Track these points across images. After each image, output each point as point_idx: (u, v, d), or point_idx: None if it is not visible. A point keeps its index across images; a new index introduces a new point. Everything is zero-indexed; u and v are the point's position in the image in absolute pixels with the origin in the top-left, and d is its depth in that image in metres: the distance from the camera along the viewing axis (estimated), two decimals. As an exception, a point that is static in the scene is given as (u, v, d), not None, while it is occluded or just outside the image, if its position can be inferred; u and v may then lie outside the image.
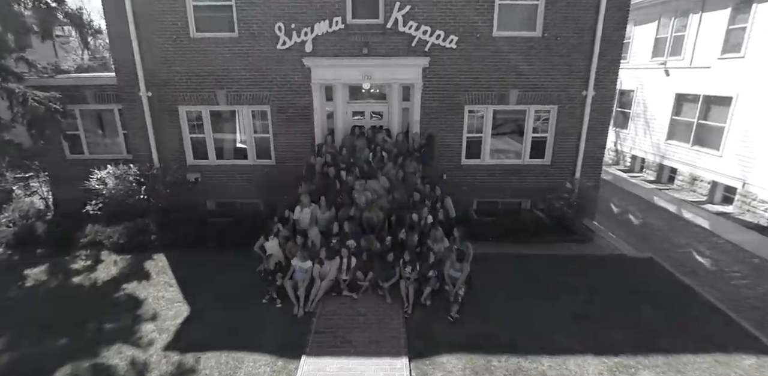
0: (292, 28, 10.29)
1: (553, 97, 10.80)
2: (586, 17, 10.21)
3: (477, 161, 11.44)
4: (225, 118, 11.41)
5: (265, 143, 11.37)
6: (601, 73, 10.57)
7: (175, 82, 10.76)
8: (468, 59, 10.50)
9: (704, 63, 14.31)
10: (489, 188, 11.50)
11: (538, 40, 10.40)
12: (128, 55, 10.47)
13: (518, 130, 11.30)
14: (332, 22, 10.21)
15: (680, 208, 13.52)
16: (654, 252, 10.22)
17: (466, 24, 10.25)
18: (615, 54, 10.49)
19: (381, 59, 10.43)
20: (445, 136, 11.07)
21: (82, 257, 9.16)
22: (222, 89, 10.78)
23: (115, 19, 10.27)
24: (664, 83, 16.31)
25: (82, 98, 11.84)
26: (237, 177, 11.54)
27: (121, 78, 10.75)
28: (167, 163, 11.24)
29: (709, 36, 14.16)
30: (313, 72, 10.57)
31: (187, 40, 10.46)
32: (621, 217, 12.98)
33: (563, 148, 11.25)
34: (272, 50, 10.46)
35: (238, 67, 10.62)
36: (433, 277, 7.55)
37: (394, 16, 10.17)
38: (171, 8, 10.23)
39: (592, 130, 11.00)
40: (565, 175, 11.41)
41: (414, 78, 10.58)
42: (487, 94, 10.76)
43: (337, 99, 10.93)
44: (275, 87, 10.75)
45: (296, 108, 10.92)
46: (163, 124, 11.10)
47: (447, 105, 10.85)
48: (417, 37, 10.31)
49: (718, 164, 13.74)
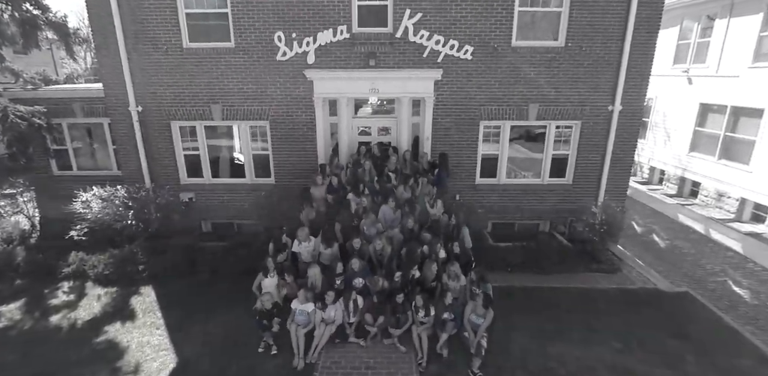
0: (292, 38, 9.46)
1: (577, 112, 9.94)
2: (614, 26, 9.34)
3: (493, 180, 10.59)
4: (221, 133, 10.61)
5: (264, 161, 10.56)
6: (630, 86, 9.70)
7: (167, 96, 9.95)
8: (484, 71, 9.65)
9: (732, 72, 13.40)
10: (505, 209, 10.66)
11: (561, 51, 9.54)
12: (116, 67, 9.68)
13: (536, 140, 10.46)
14: (336, 31, 9.38)
15: (708, 227, 12.64)
16: (688, 282, 9.40)
17: (482, 33, 9.40)
18: (645, 66, 9.62)
19: (390, 71, 9.60)
20: (459, 153, 10.22)
21: (64, 290, 8.36)
22: (217, 104, 9.96)
23: (102, 28, 9.49)
24: (687, 92, 15.40)
25: (69, 112, 11.10)
26: (234, 197, 10.73)
27: (109, 92, 9.95)
28: (159, 183, 10.46)
29: (737, 43, 13.25)
30: (315, 85, 9.74)
31: (180, 50, 9.64)
32: (646, 238, 12.11)
33: (586, 166, 10.39)
34: (271, 61, 9.63)
35: (234, 80, 9.80)
36: (449, 320, 6.73)
37: (404, 25, 9.33)
38: (162, 17, 9.42)
39: (618, 148, 10.14)
40: (588, 196, 10.56)
41: (425, 91, 9.74)
42: (504, 108, 9.91)
43: (342, 114, 10.09)
44: (274, 101, 9.93)
45: (297, 124, 10.10)
46: (154, 141, 10.30)
47: (461, 120, 10.01)
48: (429, 48, 9.47)
49: (748, 180, 12.83)
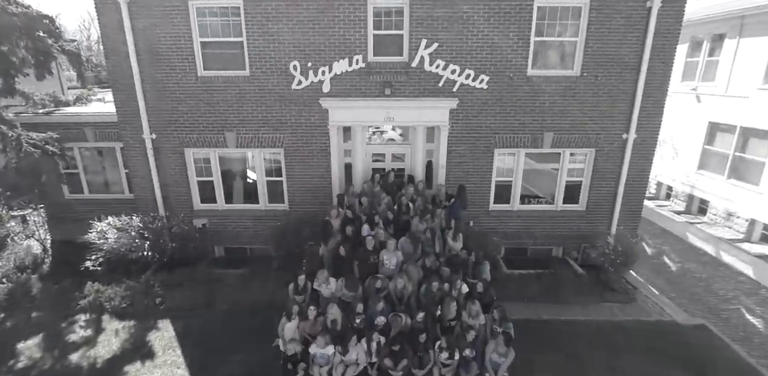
0: (308, 67, 9.45)
1: (591, 140, 9.95)
2: (630, 56, 9.35)
3: (506, 206, 10.60)
4: (235, 159, 10.59)
5: (278, 187, 10.54)
6: (645, 115, 9.72)
7: (181, 124, 9.93)
8: (500, 100, 9.65)
9: (742, 92, 13.42)
10: (519, 234, 10.68)
11: (576, 80, 9.55)
12: (130, 95, 9.65)
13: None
14: (352, 60, 9.37)
15: (718, 248, 12.67)
16: (702, 311, 9.45)
17: (498, 62, 9.40)
18: (660, 95, 9.63)
19: (405, 100, 9.59)
20: (473, 180, 10.23)
21: (81, 324, 8.34)
22: (232, 131, 9.95)
23: (117, 57, 9.47)
24: (695, 110, 15.43)
25: (81, 136, 11.09)
26: (247, 222, 10.72)
27: (124, 119, 9.92)
28: (172, 210, 10.44)
29: (747, 63, 13.26)
30: (330, 113, 9.73)
31: (194, 78, 9.62)
32: (657, 260, 12.14)
33: (600, 193, 10.40)
34: (287, 90, 9.62)
35: (249, 108, 9.78)
36: (472, 360, 6.74)
37: (419, 55, 9.32)
38: (176, 45, 9.39)
39: (632, 176, 10.16)
40: (602, 222, 10.59)
41: (440, 120, 9.74)
42: (519, 137, 9.92)
43: (356, 141, 10.08)
44: (289, 129, 9.91)
45: (312, 151, 10.09)
46: (168, 167, 10.28)
47: (475, 148, 10.01)
48: (444, 77, 9.46)
49: (758, 201, 12.87)
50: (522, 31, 9.19)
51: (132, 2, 9.07)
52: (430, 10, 9.05)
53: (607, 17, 9.12)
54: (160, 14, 9.18)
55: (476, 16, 9.08)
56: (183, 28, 9.28)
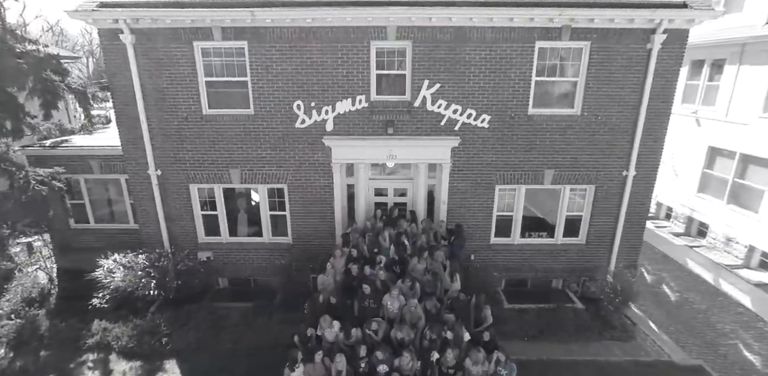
0: (311, 107, 9.57)
1: (591, 176, 10.07)
2: (631, 95, 9.46)
3: (507, 240, 10.73)
4: (239, 193, 10.72)
5: (282, 221, 10.68)
6: (644, 152, 9.83)
7: (186, 161, 10.06)
8: (501, 138, 9.77)
9: (742, 119, 13.51)
10: (519, 267, 10.81)
11: (577, 119, 9.66)
12: (136, 132, 9.79)
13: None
14: (355, 100, 9.49)
15: (717, 276, 12.79)
16: (700, 347, 9.56)
17: (499, 102, 9.51)
18: (660, 133, 9.74)
19: (407, 139, 9.71)
20: (474, 215, 10.36)
21: (89, 365, 8.48)
22: (236, 168, 10.08)
23: (123, 95, 9.58)
24: (695, 133, 15.53)
25: (87, 168, 11.22)
26: (251, 255, 10.86)
27: (129, 156, 10.05)
28: (177, 243, 10.59)
29: (748, 90, 13.35)
30: (333, 151, 9.86)
31: (199, 117, 9.75)
32: (657, 289, 12.24)
33: (600, 227, 10.53)
34: (290, 128, 9.74)
35: (253, 146, 9.91)
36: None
37: (422, 95, 9.44)
38: (182, 85, 9.51)
39: (631, 210, 10.28)
40: (602, 255, 10.72)
41: (442, 158, 9.86)
42: (520, 173, 10.04)
43: (359, 177, 10.21)
44: (293, 166, 10.04)
45: (315, 187, 10.22)
46: (173, 202, 10.42)
47: (477, 184, 10.14)
48: (446, 116, 9.58)
49: (758, 228, 12.99)
50: (523, 72, 9.30)
51: (138, 43, 9.19)
52: (432, 51, 9.16)
53: (608, 58, 9.22)
54: (166, 55, 9.30)
55: (478, 58, 9.19)
56: (188, 68, 9.40)
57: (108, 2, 8.84)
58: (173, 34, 9.12)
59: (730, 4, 14.28)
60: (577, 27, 8.93)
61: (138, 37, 9.13)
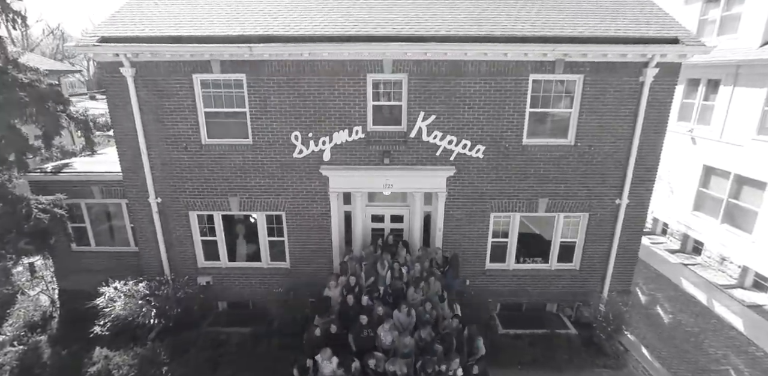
0: (309, 137, 9.72)
1: (585, 205, 10.21)
2: (623, 127, 9.60)
3: (502, 265, 10.88)
4: (238, 219, 10.87)
5: (280, 246, 10.83)
6: (637, 181, 9.97)
7: (186, 189, 10.22)
8: (495, 168, 9.91)
9: (736, 140, 13.63)
10: (514, 292, 10.97)
11: (570, 149, 9.80)
12: (137, 162, 9.95)
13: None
14: (352, 131, 9.64)
15: (710, 297, 12.93)
16: (692, 373, 9.71)
17: (494, 133, 9.66)
18: (652, 162, 9.88)
19: (403, 169, 9.86)
20: (469, 242, 10.52)
21: (90, 396, 8.67)
22: (235, 196, 10.23)
23: (123, 125, 9.73)
24: (691, 151, 15.65)
25: (88, 193, 11.38)
26: (250, 279, 11.03)
27: (130, 183, 10.22)
28: (177, 268, 10.76)
29: (742, 112, 13.46)
30: (331, 181, 10.01)
31: (199, 146, 9.90)
32: (650, 310, 12.38)
33: (593, 253, 10.67)
34: (288, 158, 9.90)
35: (251, 174, 10.07)
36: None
37: (417, 126, 9.58)
38: (181, 116, 9.67)
39: (624, 237, 10.42)
40: (595, 280, 10.87)
41: (438, 187, 10.01)
42: (514, 202, 10.18)
43: (356, 204, 10.37)
44: (291, 194, 10.20)
45: (312, 214, 10.37)
46: (172, 228, 10.58)
47: (472, 212, 10.29)
48: (442, 147, 9.73)
49: (751, 249, 13.12)
50: (517, 103, 9.44)
51: (138, 76, 9.34)
52: (427, 84, 9.30)
53: (601, 90, 9.36)
54: (166, 87, 9.45)
55: (473, 90, 9.34)
56: (188, 99, 9.55)
57: (109, 37, 8.99)
58: (173, 67, 9.27)
59: (725, 26, 14.40)
60: (571, 61, 9.06)
61: (138, 69, 9.28)
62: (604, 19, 9.47)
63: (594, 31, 9.07)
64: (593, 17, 9.57)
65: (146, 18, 9.66)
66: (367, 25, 9.24)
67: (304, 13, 9.79)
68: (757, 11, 13.05)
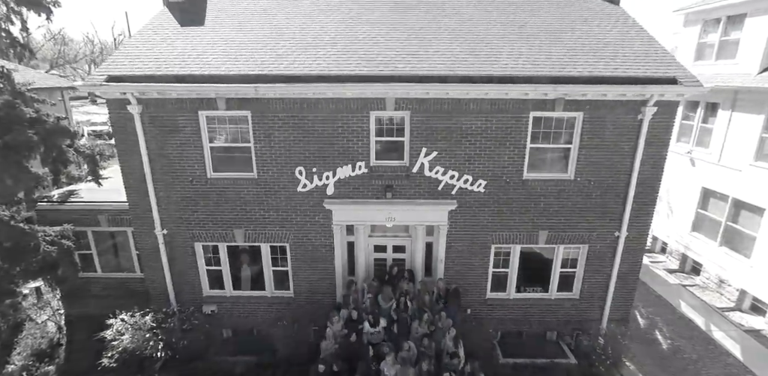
0: (313, 172, 9.87)
1: (584, 237, 10.36)
2: (622, 162, 9.74)
3: (503, 295, 11.04)
4: (242, 249, 11.02)
5: (284, 276, 11.00)
6: (636, 214, 10.11)
7: (192, 221, 10.37)
8: (496, 201, 10.06)
9: (734, 164, 13.77)
10: (515, 321, 11.13)
11: (570, 183, 9.95)
12: (143, 194, 10.09)
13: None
14: (355, 166, 9.79)
15: (709, 321, 13.09)
16: (689, 405, 9.89)
17: (495, 168, 9.80)
18: (651, 197, 10.02)
19: (405, 203, 10.01)
20: (470, 272, 10.68)
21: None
22: (240, 228, 10.39)
23: (130, 160, 9.87)
24: (690, 172, 15.80)
25: (94, 222, 11.56)
26: (255, 308, 11.19)
27: (136, 215, 10.36)
28: (183, 297, 10.92)
29: (740, 137, 13.60)
30: (334, 214, 10.16)
31: (204, 180, 10.05)
32: (649, 335, 12.54)
33: (593, 283, 10.83)
34: (292, 192, 10.05)
35: (256, 207, 10.22)
36: None
37: (419, 162, 9.73)
38: (187, 150, 9.81)
39: (623, 268, 10.57)
40: (594, 309, 11.03)
41: (439, 220, 10.16)
42: (515, 234, 10.33)
43: (359, 236, 10.55)
44: (295, 227, 10.35)
45: (316, 246, 10.53)
46: (178, 258, 10.73)
47: (473, 244, 10.44)
48: (444, 182, 9.88)
49: (749, 274, 13.27)
50: (518, 140, 9.59)
51: (144, 112, 9.49)
52: (429, 121, 9.45)
53: (600, 127, 9.50)
54: (172, 123, 9.59)
55: (474, 127, 9.49)
56: (193, 135, 9.69)
57: (116, 76, 9.14)
58: (179, 104, 9.42)
59: (724, 50, 14.54)
60: (570, 99, 9.21)
61: (145, 106, 9.43)
62: (604, 57, 9.61)
63: (593, 70, 9.21)
64: (593, 54, 9.70)
65: (152, 54, 9.80)
66: (370, 63, 9.38)
67: (308, 49, 9.93)
68: (755, 38, 13.19)
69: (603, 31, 10.65)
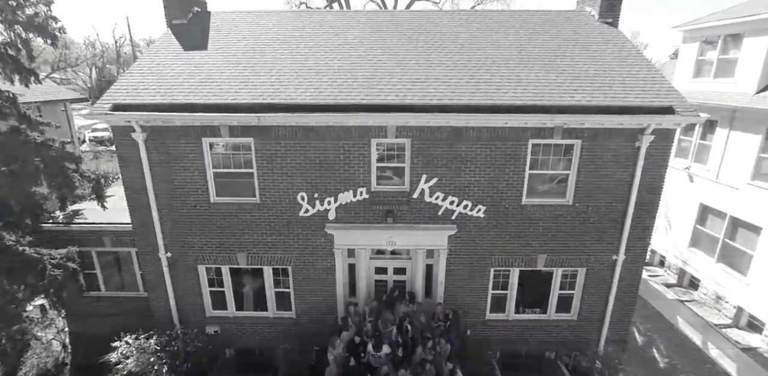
0: (315, 198, 10.01)
1: (582, 260, 10.50)
2: (620, 188, 9.86)
3: (502, 315, 11.18)
4: (245, 271, 11.17)
5: (286, 297, 11.14)
6: (633, 239, 10.23)
7: (195, 244, 10.52)
8: (495, 226, 10.20)
9: (732, 182, 13.90)
10: (514, 341, 11.27)
11: (568, 208, 10.08)
12: (148, 218, 10.23)
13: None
14: (356, 192, 9.93)
15: (706, 338, 13.24)
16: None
17: (494, 194, 9.93)
18: (648, 222, 10.15)
19: (406, 228, 10.15)
20: (470, 294, 10.82)
21: None
22: (243, 252, 10.53)
23: (134, 184, 10.01)
24: (688, 188, 15.92)
25: (99, 242, 11.71)
26: (257, 328, 11.34)
27: (141, 239, 10.50)
28: (186, 318, 11.08)
29: (738, 155, 13.73)
30: (336, 238, 10.30)
31: (207, 205, 10.19)
32: (647, 353, 12.70)
33: (591, 305, 10.96)
34: (294, 216, 10.19)
35: (259, 231, 10.36)
36: None
37: (420, 188, 9.87)
38: (191, 176, 9.95)
39: (620, 290, 10.70)
40: (592, 329, 11.16)
41: (439, 244, 10.30)
42: (514, 258, 10.47)
43: (360, 259, 10.70)
44: (297, 250, 10.50)
45: (318, 268, 10.67)
46: (182, 280, 10.88)
47: (472, 267, 10.58)
48: (444, 207, 10.02)
49: (746, 291, 13.42)
50: (517, 166, 9.71)
51: (149, 139, 9.62)
52: (429, 148, 9.58)
53: (598, 154, 9.62)
54: (176, 149, 9.72)
55: (473, 154, 9.62)
56: (197, 161, 9.83)
57: (121, 105, 9.28)
58: (183, 131, 9.55)
59: (722, 68, 14.66)
60: (569, 127, 9.33)
61: (149, 133, 9.56)
62: (602, 85, 9.72)
63: (592, 98, 9.33)
64: (590, 82, 9.82)
65: (157, 82, 9.92)
66: (372, 91, 9.51)
67: (310, 74, 10.05)
68: (753, 58, 13.31)
69: (602, 55, 10.76)
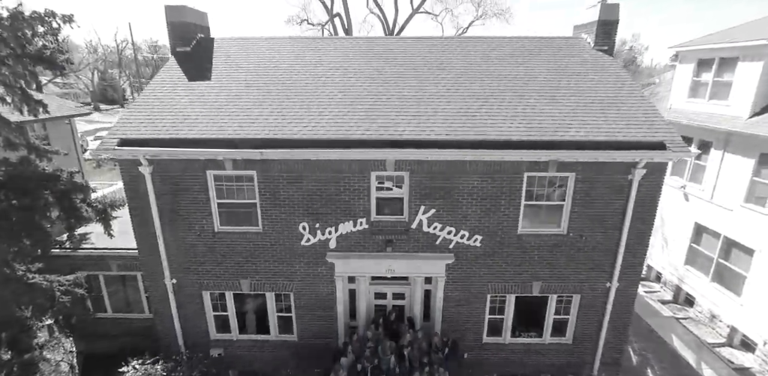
0: (316, 228, 10.29)
1: (576, 287, 10.77)
2: (613, 218, 10.13)
3: (499, 339, 11.47)
4: (248, 296, 11.46)
5: (288, 320, 11.44)
6: (626, 266, 10.51)
7: (200, 271, 10.82)
8: (492, 255, 10.48)
9: (726, 204, 14.14)
10: (510, 363, 11.56)
11: (563, 238, 10.35)
12: (153, 247, 10.54)
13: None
14: (357, 222, 10.21)
15: (700, 358, 13.48)
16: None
17: (491, 224, 10.21)
18: (641, 251, 10.41)
19: (405, 256, 10.44)
20: (467, 319, 11.11)
21: None
22: (246, 279, 10.83)
23: (141, 214, 10.31)
24: (683, 207, 16.15)
25: (105, 267, 12.02)
26: (260, 351, 11.65)
27: (147, 266, 10.82)
28: (191, 340, 11.38)
29: (732, 177, 13.95)
30: (336, 266, 10.59)
31: (212, 233, 10.48)
32: (640, 372, 12.96)
33: (585, 329, 11.24)
34: (296, 245, 10.48)
35: (262, 259, 10.66)
36: None
37: (418, 218, 10.15)
38: (196, 206, 10.24)
39: (614, 316, 10.98)
40: (587, 352, 11.45)
41: (437, 272, 10.59)
42: (510, 285, 10.75)
43: (360, 285, 10.99)
44: (298, 277, 10.79)
45: (319, 294, 10.97)
46: (186, 305, 11.19)
47: (469, 294, 10.87)
48: (441, 237, 10.29)
49: (739, 311, 13.66)
50: (513, 198, 9.98)
51: (155, 172, 9.91)
52: (428, 180, 9.85)
53: (592, 186, 9.89)
54: (181, 181, 10.02)
55: (470, 187, 9.88)
56: (201, 193, 10.12)
57: (128, 140, 9.56)
58: (188, 164, 9.84)
59: (717, 91, 14.85)
60: (563, 161, 9.59)
61: (155, 166, 9.85)
62: (596, 119, 9.95)
63: (586, 133, 9.57)
64: (584, 115, 10.04)
65: (162, 116, 10.16)
66: (372, 126, 9.76)
67: (311, 108, 10.31)
68: (746, 82, 13.52)
69: (597, 86, 11.00)
